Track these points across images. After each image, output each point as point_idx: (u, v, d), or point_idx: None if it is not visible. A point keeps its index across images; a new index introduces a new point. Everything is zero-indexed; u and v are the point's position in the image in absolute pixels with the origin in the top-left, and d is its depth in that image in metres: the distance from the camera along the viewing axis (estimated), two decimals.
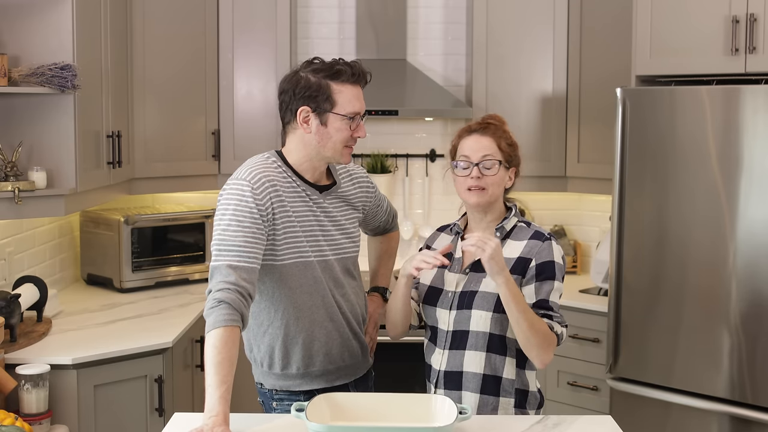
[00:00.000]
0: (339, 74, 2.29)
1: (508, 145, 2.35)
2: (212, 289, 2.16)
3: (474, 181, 2.30)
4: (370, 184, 2.58)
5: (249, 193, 2.24)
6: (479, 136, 2.34)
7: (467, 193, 2.31)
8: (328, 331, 2.38)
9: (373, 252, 2.82)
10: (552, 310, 2.27)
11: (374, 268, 2.80)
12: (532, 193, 4.38)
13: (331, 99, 2.29)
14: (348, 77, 2.30)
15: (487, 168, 2.30)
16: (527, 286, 2.28)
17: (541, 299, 2.26)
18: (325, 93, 2.29)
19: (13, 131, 3.15)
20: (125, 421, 3.06)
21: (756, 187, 3.06)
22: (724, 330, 3.15)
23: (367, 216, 2.60)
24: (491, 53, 4.19)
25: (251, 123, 4.18)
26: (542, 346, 2.21)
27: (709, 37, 3.29)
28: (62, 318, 3.40)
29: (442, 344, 2.33)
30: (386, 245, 2.79)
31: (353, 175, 2.52)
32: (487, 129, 2.35)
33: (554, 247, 2.31)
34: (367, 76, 2.35)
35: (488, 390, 2.29)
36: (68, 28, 3.13)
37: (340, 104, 2.29)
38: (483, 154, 2.31)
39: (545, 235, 2.33)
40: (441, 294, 2.35)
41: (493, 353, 2.28)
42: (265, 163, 2.34)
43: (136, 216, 3.94)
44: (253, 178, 2.27)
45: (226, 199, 2.26)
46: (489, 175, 2.30)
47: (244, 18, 4.14)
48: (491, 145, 2.32)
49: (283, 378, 2.40)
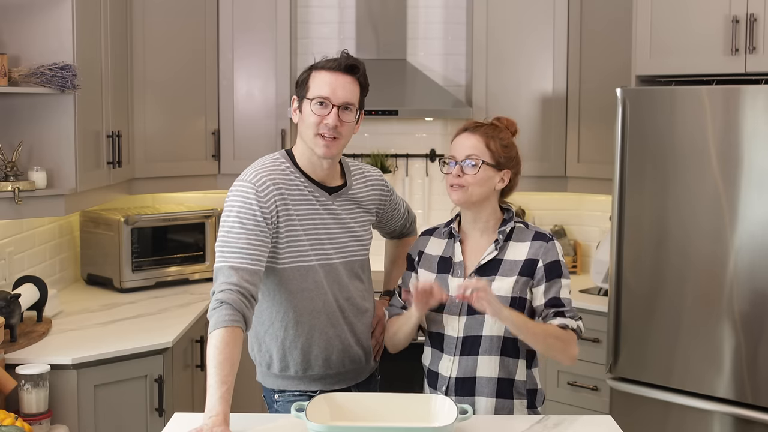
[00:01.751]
0: (320, 64, 2.33)
1: (502, 146, 2.33)
2: (215, 291, 2.17)
3: (454, 179, 2.31)
4: (385, 187, 2.55)
5: (253, 196, 2.24)
6: (468, 134, 2.34)
7: (449, 189, 2.33)
8: (328, 337, 2.37)
9: (389, 255, 2.78)
10: (564, 306, 2.29)
11: (388, 271, 2.77)
12: (532, 193, 4.38)
13: (307, 85, 2.32)
14: (324, 64, 2.32)
15: (469, 166, 2.30)
16: (538, 286, 2.30)
17: (552, 297, 2.29)
18: (305, 80, 2.33)
19: (13, 131, 3.15)
20: (125, 421, 3.06)
21: (756, 187, 3.06)
22: (725, 330, 3.15)
23: (382, 219, 2.58)
24: (491, 53, 4.19)
25: (251, 123, 4.18)
26: (564, 348, 2.26)
27: (709, 37, 3.29)
28: (62, 318, 3.40)
29: (452, 351, 2.32)
30: (402, 250, 2.71)
31: (367, 177, 2.50)
32: (479, 128, 2.35)
33: (557, 246, 2.35)
34: (354, 64, 2.31)
35: (503, 393, 2.29)
36: (68, 28, 3.12)
37: (311, 89, 2.31)
38: (467, 153, 2.31)
39: (547, 235, 2.35)
40: (447, 300, 2.34)
41: (506, 356, 2.29)
42: (272, 164, 2.34)
43: (136, 216, 3.94)
44: (258, 181, 2.27)
45: (231, 201, 2.26)
46: (470, 174, 2.30)
47: (244, 18, 4.14)
48: (478, 144, 2.32)
49: (282, 379, 2.40)
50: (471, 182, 2.30)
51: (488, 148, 2.32)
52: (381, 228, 2.66)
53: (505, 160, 2.34)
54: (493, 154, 2.32)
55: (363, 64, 2.36)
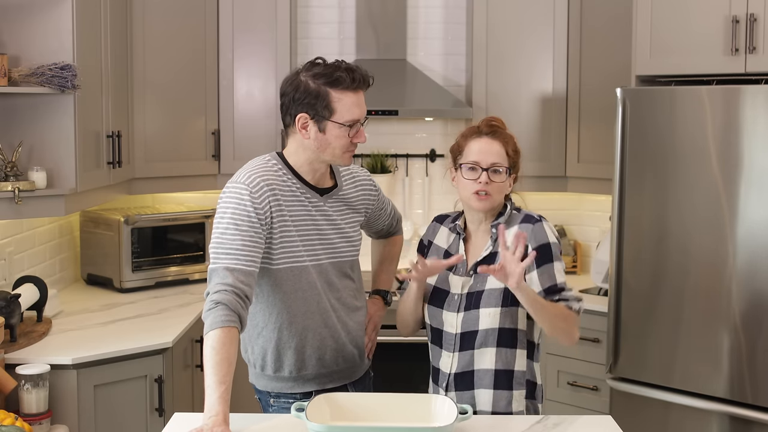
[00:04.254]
0: (339, 82, 2.26)
1: (514, 152, 2.36)
2: (210, 292, 2.17)
3: (482, 186, 2.29)
4: (373, 187, 2.56)
5: (247, 197, 2.24)
6: (490, 140, 2.33)
7: (473, 197, 2.31)
8: (322, 337, 2.37)
9: (376, 255, 2.81)
10: (563, 290, 2.29)
11: (376, 270, 2.79)
12: (532, 193, 4.37)
13: (330, 107, 2.27)
14: (348, 84, 2.27)
15: (495, 174, 2.30)
16: (531, 272, 2.29)
17: (549, 285, 2.28)
18: (324, 101, 2.26)
19: (13, 131, 3.15)
20: (125, 421, 3.06)
21: (756, 187, 3.06)
22: (724, 330, 3.15)
23: (370, 219, 2.59)
24: (491, 53, 4.19)
25: (251, 123, 4.18)
26: (567, 328, 2.27)
27: (709, 37, 3.29)
28: (62, 318, 3.40)
29: (451, 347, 2.33)
30: (389, 249, 2.78)
31: (356, 178, 2.51)
32: (497, 134, 2.35)
33: (546, 227, 2.33)
34: (369, 80, 2.33)
35: (502, 384, 2.30)
36: (68, 28, 3.12)
37: (339, 112, 2.27)
38: (493, 161, 2.31)
39: (535, 217, 2.34)
40: (447, 296, 2.35)
41: (503, 347, 2.29)
42: (265, 166, 2.33)
43: (136, 216, 3.94)
44: (251, 182, 2.27)
45: (225, 203, 2.26)
46: (496, 181, 2.30)
47: (244, 18, 4.14)
48: (501, 150, 2.33)
49: (275, 380, 2.41)
50: (496, 190, 2.31)
51: (507, 154, 2.34)
52: (369, 228, 2.67)
53: (516, 165, 2.38)
54: (510, 159, 2.35)
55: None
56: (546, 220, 2.35)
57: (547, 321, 2.23)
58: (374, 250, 2.82)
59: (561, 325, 2.26)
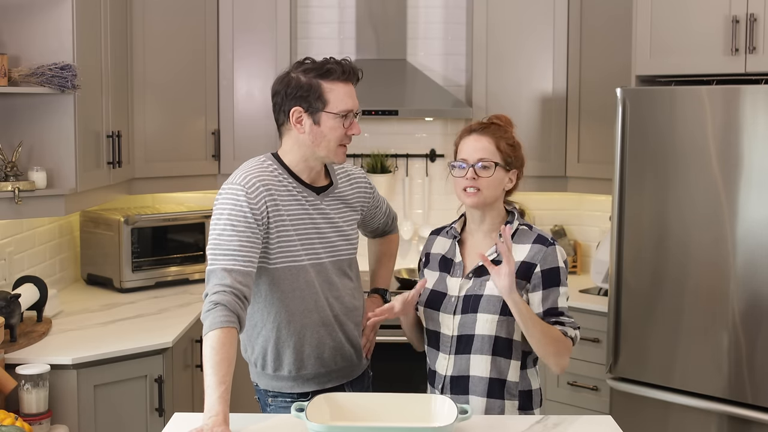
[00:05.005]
0: (330, 73, 2.30)
1: (509, 146, 2.33)
2: (208, 293, 2.18)
3: (469, 182, 2.29)
4: (368, 185, 2.57)
5: (243, 198, 2.24)
6: (478, 136, 2.33)
7: (463, 193, 2.31)
8: (320, 335, 2.38)
9: (373, 254, 2.82)
10: (562, 315, 2.28)
11: (373, 269, 2.80)
12: (532, 193, 4.37)
13: (323, 98, 2.30)
14: (339, 75, 2.30)
15: (483, 169, 2.29)
16: (535, 293, 2.28)
17: (550, 307, 2.27)
18: (316, 92, 2.30)
19: (13, 131, 3.15)
20: (125, 421, 3.06)
21: (756, 187, 3.06)
22: (724, 330, 3.15)
23: (366, 217, 2.60)
24: (491, 53, 4.20)
25: (251, 123, 4.18)
26: (558, 353, 2.24)
27: (709, 37, 3.29)
28: (62, 318, 3.40)
29: (447, 349, 2.32)
30: (386, 247, 2.79)
31: (351, 176, 2.52)
32: (487, 129, 2.34)
33: (557, 251, 2.31)
34: (359, 73, 2.36)
35: (494, 393, 2.29)
36: (68, 28, 3.12)
37: (333, 103, 2.30)
38: (479, 156, 2.30)
39: (549, 239, 2.32)
40: (444, 299, 2.34)
41: (498, 356, 2.28)
42: (260, 166, 2.34)
43: (136, 216, 3.95)
44: (247, 183, 2.27)
45: (221, 204, 2.27)
46: (484, 176, 2.29)
47: (244, 18, 4.14)
48: (489, 146, 2.31)
49: (275, 379, 2.41)
50: (486, 185, 2.29)
51: (498, 149, 2.32)
52: (365, 227, 2.67)
53: (514, 159, 2.35)
54: (503, 154, 2.32)
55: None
56: (558, 244, 2.34)
57: (536, 338, 2.21)
58: (371, 249, 2.82)
59: (551, 347, 2.22)
